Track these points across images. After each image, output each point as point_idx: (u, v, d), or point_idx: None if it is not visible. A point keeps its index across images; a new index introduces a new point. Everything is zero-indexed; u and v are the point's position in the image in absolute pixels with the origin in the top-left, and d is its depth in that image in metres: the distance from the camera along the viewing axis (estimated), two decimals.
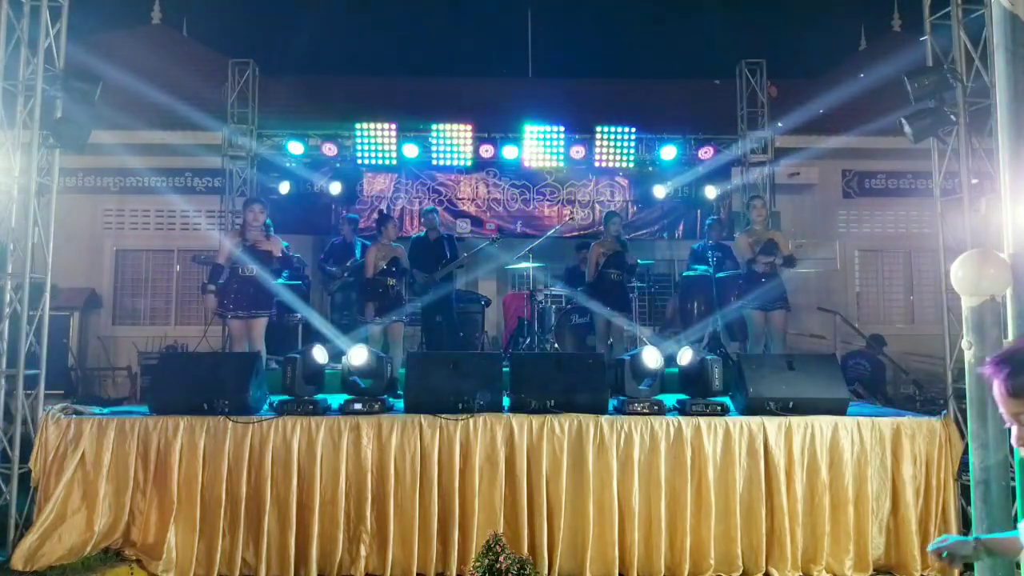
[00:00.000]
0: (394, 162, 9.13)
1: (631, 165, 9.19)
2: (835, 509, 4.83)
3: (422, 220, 8.48)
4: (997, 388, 1.66)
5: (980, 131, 5.00)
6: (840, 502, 4.82)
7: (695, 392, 5.17)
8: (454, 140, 8.91)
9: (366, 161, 9.07)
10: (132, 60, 10.37)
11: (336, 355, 5.84)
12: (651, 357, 5.15)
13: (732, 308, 7.29)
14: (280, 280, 6.57)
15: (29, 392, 5.07)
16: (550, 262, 8.94)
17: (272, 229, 6.75)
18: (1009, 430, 1.63)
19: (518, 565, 4.16)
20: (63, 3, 5.28)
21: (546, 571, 4.66)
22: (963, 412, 4.53)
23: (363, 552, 4.72)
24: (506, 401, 5.11)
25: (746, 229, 7.05)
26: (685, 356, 5.35)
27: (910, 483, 4.88)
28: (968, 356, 1.96)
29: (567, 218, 9.55)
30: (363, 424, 4.82)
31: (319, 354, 5.24)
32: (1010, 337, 2.07)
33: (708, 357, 5.21)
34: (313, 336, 7.17)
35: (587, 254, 7.82)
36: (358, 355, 5.16)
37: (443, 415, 4.82)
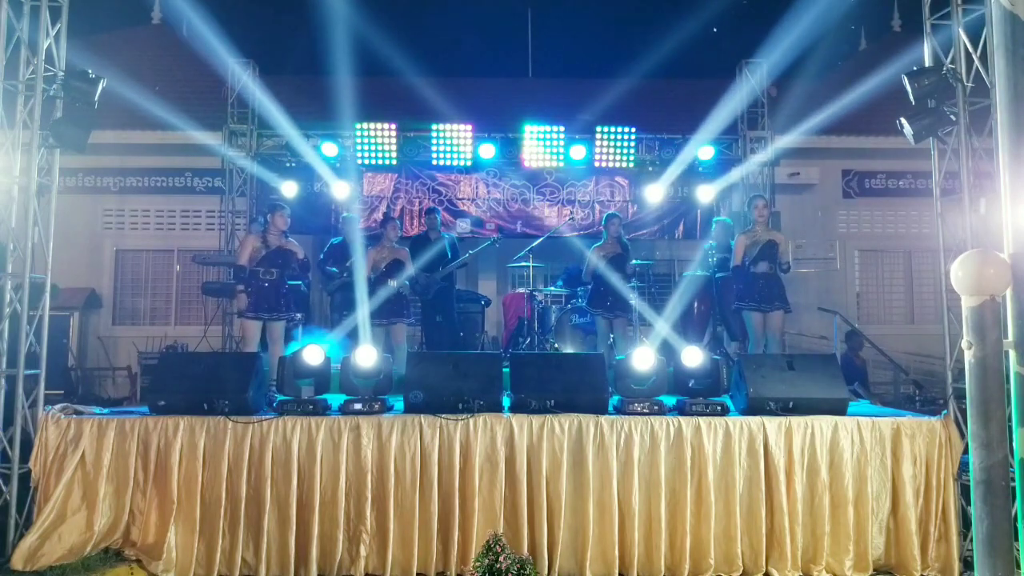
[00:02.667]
0: (394, 162, 9.12)
1: (631, 165, 9.19)
2: (835, 509, 4.83)
3: (424, 220, 8.48)
4: None
5: (980, 131, 4.99)
6: (840, 502, 4.82)
7: (697, 392, 5.17)
8: (454, 140, 8.90)
9: (366, 161, 9.05)
10: (132, 60, 10.38)
11: (335, 355, 5.83)
12: (647, 358, 5.15)
13: (730, 309, 7.29)
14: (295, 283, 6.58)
15: (29, 392, 5.07)
16: (550, 262, 8.93)
17: (287, 235, 6.73)
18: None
19: (518, 565, 4.15)
20: (63, 3, 5.27)
21: (546, 571, 4.67)
22: (963, 412, 4.52)
23: (363, 552, 4.72)
24: (506, 401, 5.11)
25: (746, 230, 7.05)
26: (688, 356, 5.34)
27: (910, 483, 4.88)
28: (968, 356, 1.96)
29: (567, 218, 9.54)
30: (363, 424, 4.82)
31: (311, 354, 5.22)
32: (1010, 337, 2.07)
33: (714, 357, 5.22)
34: (312, 336, 7.14)
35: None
36: (365, 356, 5.16)
37: (443, 415, 4.83)
